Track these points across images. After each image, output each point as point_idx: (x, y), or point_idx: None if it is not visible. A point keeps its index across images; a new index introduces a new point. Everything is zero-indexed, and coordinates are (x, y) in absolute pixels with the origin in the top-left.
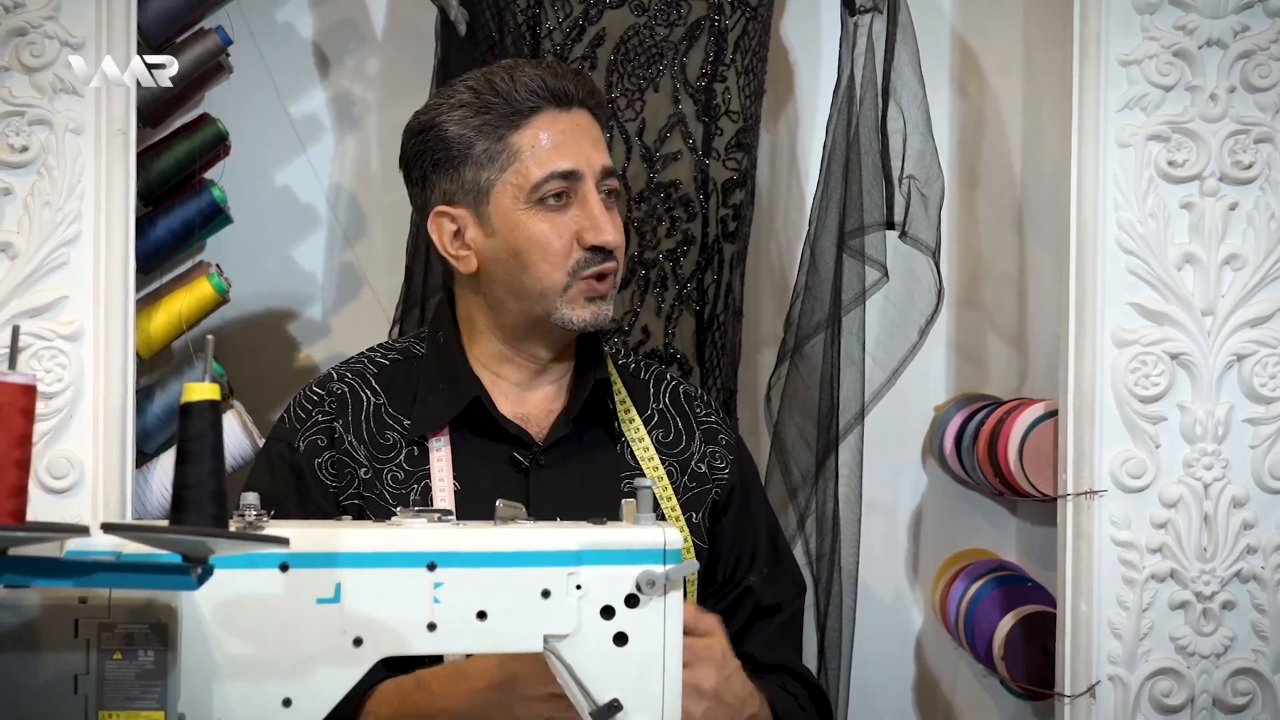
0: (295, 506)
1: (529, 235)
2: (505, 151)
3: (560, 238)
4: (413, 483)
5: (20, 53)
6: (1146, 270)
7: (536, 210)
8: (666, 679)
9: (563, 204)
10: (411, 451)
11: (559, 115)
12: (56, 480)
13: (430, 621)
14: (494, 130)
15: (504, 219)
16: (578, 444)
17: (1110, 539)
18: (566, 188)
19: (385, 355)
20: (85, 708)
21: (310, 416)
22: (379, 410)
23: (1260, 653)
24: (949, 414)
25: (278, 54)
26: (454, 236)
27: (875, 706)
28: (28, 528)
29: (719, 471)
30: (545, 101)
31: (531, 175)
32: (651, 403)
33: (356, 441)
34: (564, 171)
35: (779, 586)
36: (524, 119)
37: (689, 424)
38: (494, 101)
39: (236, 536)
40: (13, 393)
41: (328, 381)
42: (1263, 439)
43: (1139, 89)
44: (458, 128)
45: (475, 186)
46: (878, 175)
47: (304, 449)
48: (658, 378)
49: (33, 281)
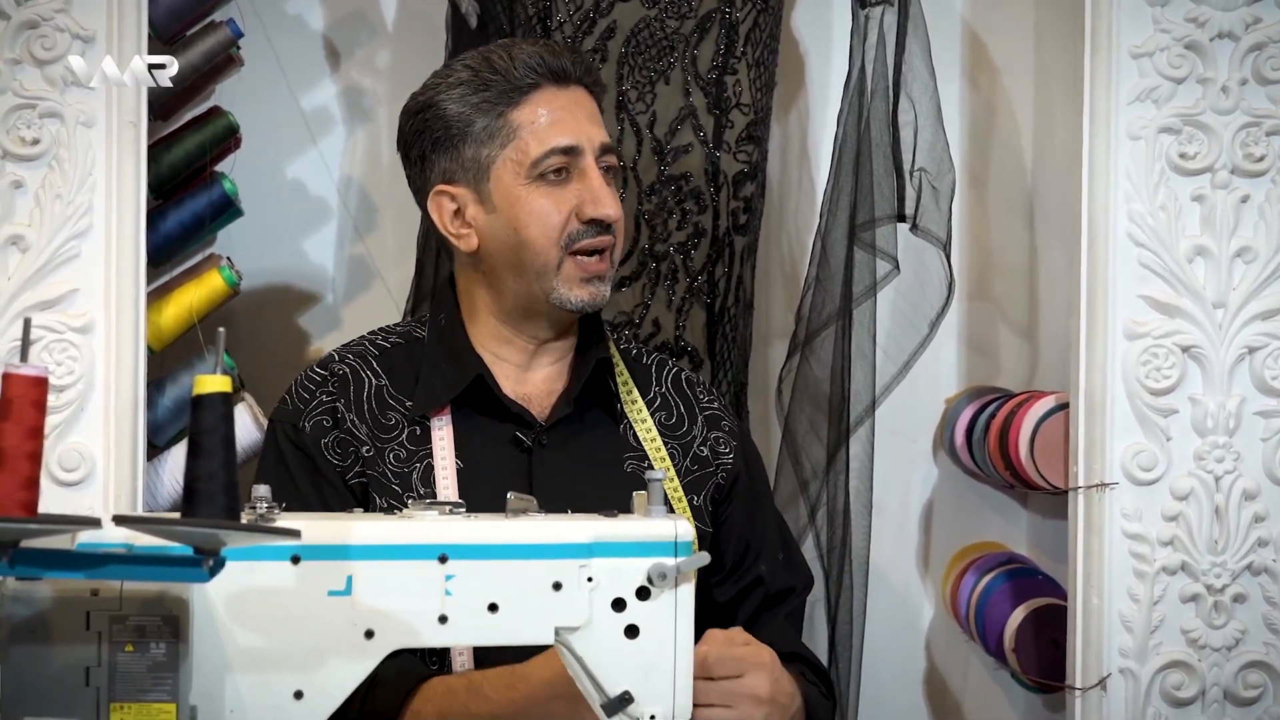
0: (309, 486)
1: (529, 210)
2: (505, 128)
3: (560, 212)
4: (415, 462)
5: (31, 46)
6: (1158, 263)
7: (537, 185)
8: (678, 671)
9: (563, 179)
10: (414, 431)
11: (557, 92)
12: (68, 473)
13: (442, 614)
14: (493, 107)
15: (505, 195)
16: (580, 424)
17: (1121, 532)
18: (566, 163)
19: (386, 338)
20: (97, 700)
21: (314, 397)
22: (381, 391)
23: (1271, 645)
24: (960, 407)
25: (288, 46)
26: (454, 215)
27: (886, 699)
28: (39, 520)
29: (722, 456)
30: (543, 78)
31: (532, 151)
32: (654, 385)
33: (359, 421)
34: (564, 147)
35: (788, 575)
36: (523, 95)
37: (691, 408)
38: (493, 79)
39: (248, 529)
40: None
41: (329, 363)
42: (1274, 432)
43: (1150, 81)
44: (457, 105)
45: (475, 164)
46: (889, 168)
47: (309, 429)
48: (659, 363)
49: (44, 274)
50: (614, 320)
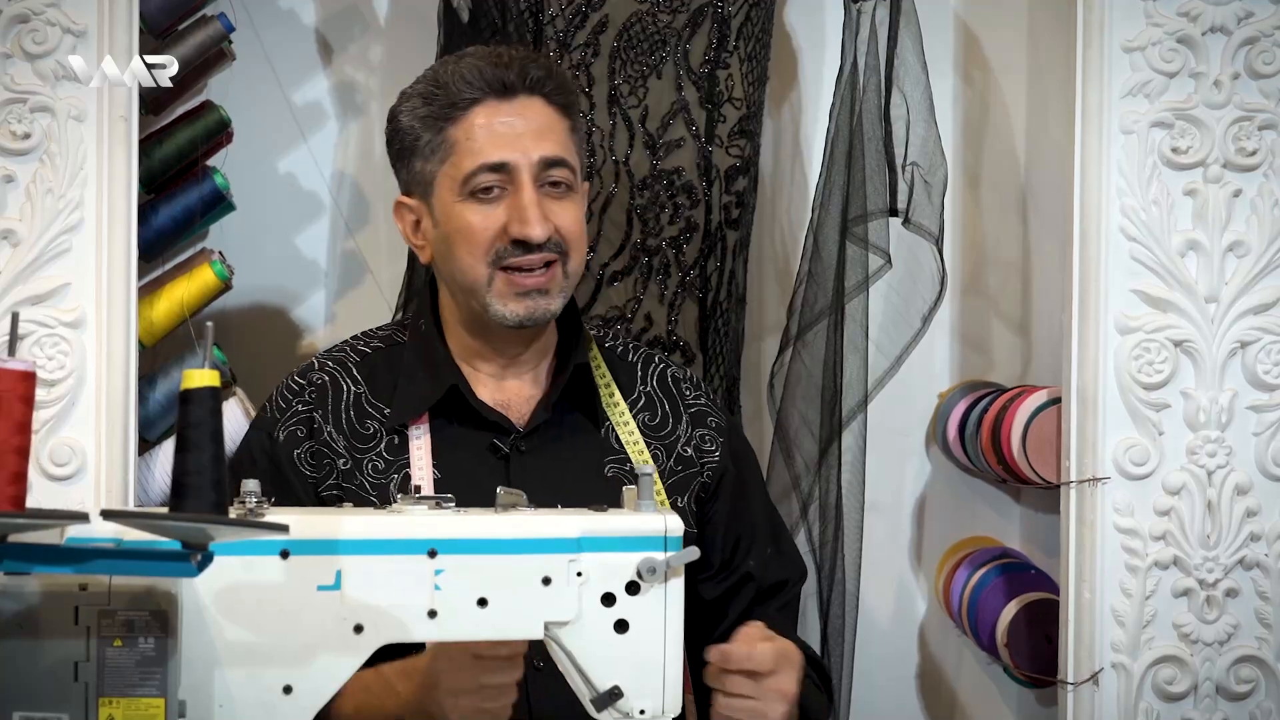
0: (273, 497)
1: (458, 228)
2: (444, 144)
3: (487, 230)
4: (393, 472)
5: (22, 40)
6: (1150, 257)
7: (469, 202)
8: (667, 666)
9: (495, 197)
10: (392, 440)
11: (499, 105)
12: (59, 468)
13: (431, 608)
14: (435, 122)
15: (443, 211)
16: (559, 429)
17: (1113, 526)
18: (498, 180)
19: (367, 344)
20: (85, 695)
21: (290, 406)
22: (359, 399)
23: (1263, 640)
24: (952, 401)
25: (280, 41)
26: (414, 226)
27: (879, 694)
28: (28, 514)
29: (708, 455)
30: (483, 92)
31: (463, 167)
32: (639, 385)
33: (336, 432)
34: (493, 164)
35: (780, 569)
36: (461, 111)
37: (676, 407)
38: (436, 93)
39: (236, 523)
40: (12, 380)
41: (309, 371)
42: (1266, 426)
43: (1143, 75)
44: (408, 119)
45: (422, 178)
46: (881, 162)
47: (283, 439)
48: (645, 360)
49: (35, 269)
50: (606, 315)
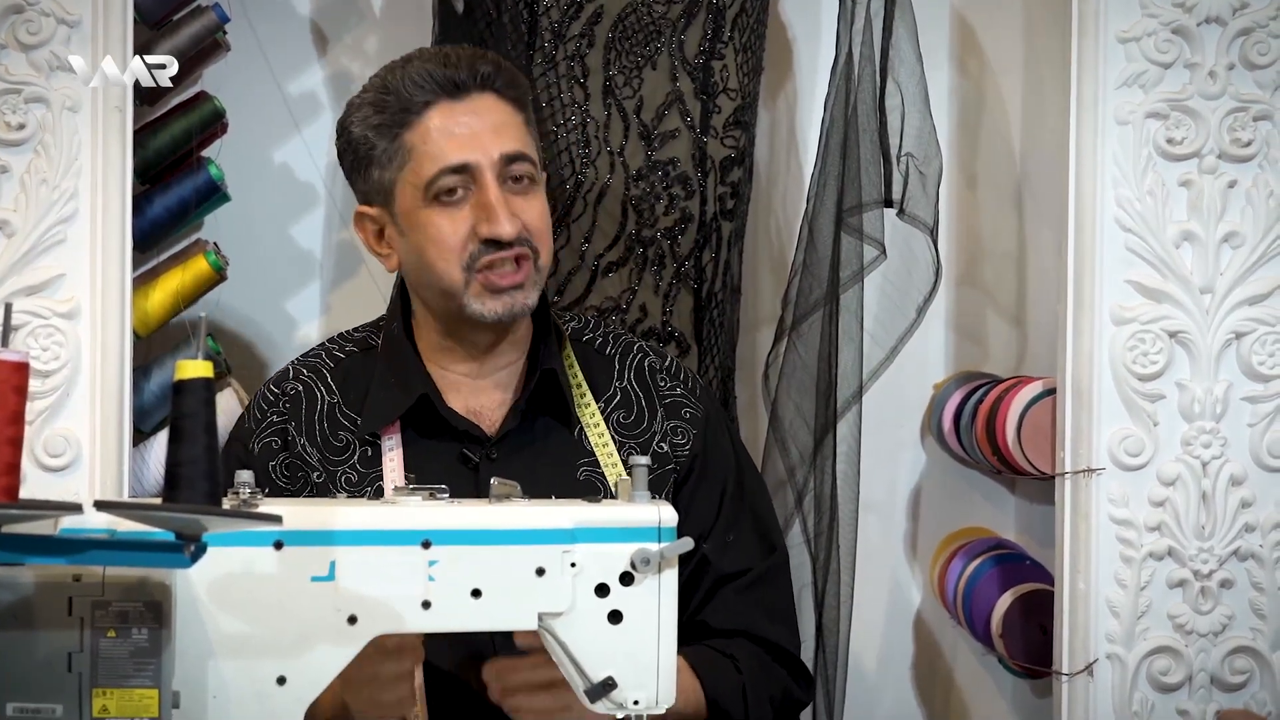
0: None
1: (427, 234)
2: (401, 150)
3: (457, 233)
4: (366, 485)
5: (17, 30)
6: (1145, 248)
7: (433, 207)
8: (661, 656)
9: (459, 199)
10: (365, 452)
11: (453, 106)
12: (54, 458)
13: (425, 599)
14: (389, 130)
15: (408, 218)
16: (530, 434)
17: (1108, 517)
18: (461, 182)
19: (342, 348)
20: (79, 685)
21: (265, 418)
22: (333, 410)
23: (1258, 631)
24: (947, 392)
25: (275, 31)
26: (377, 235)
27: (873, 685)
28: (21, 505)
29: (680, 449)
30: (435, 94)
31: (424, 173)
32: (615, 380)
33: (309, 445)
34: (454, 166)
35: (742, 551)
36: (415, 116)
37: (651, 400)
38: (388, 100)
39: (230, 514)
40: (5, 370)
41: (283, 380)
42: (1261, 417)
43: (1138, 66)
44: (360, 129)
45: (382, 187)
46: (876, 153)
47: (258, 451)
48: (624, 351)
49: (30, 259)
50: (601, 306)
